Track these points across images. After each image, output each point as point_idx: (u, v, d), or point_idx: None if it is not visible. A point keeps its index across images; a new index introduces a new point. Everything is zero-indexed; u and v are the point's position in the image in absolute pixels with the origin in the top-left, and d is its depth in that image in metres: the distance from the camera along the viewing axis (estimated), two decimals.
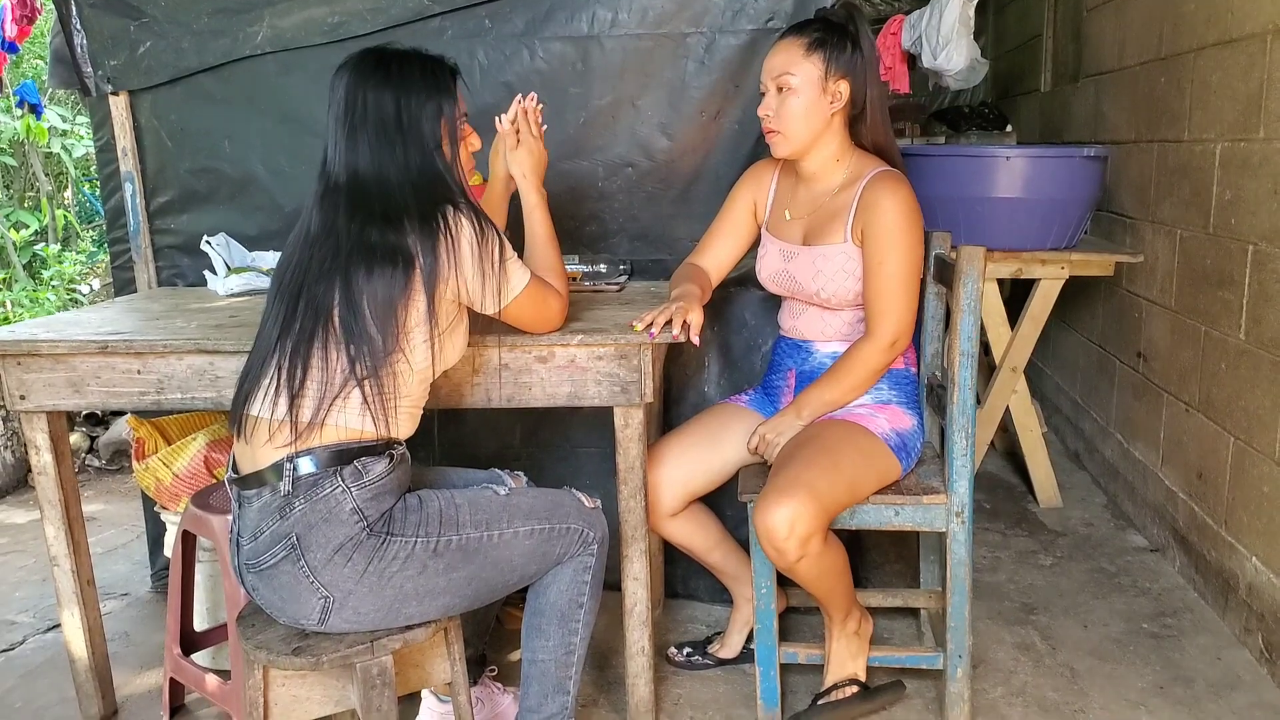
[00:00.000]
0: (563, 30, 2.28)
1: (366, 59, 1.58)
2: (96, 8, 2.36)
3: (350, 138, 1.55)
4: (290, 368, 1.48)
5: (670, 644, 2.27)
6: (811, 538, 1.70)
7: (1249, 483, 2.25)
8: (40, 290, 4.55)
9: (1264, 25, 2.18)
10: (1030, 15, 4.33)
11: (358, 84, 1.55)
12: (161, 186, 2.48)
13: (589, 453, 2.45)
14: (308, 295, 1.50)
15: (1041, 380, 4.04)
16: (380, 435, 1.51)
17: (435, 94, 1.58)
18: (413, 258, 1.49)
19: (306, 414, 1.47)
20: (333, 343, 1.48)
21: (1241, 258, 2.28)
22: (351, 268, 1.48)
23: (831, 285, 1.90)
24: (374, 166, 1.54)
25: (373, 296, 1.47)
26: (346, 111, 1.55)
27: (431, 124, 1.57)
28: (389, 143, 1.54)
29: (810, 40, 1.84)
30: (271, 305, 1.56)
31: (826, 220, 1.91)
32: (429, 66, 1.60)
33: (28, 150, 5.20)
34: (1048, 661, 2.22)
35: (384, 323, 1.48)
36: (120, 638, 2.43)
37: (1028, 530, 2.95)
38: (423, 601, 1.53)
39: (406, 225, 1.51)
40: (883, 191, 1.83)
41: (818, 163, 1.92)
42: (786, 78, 1.84)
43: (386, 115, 1.54)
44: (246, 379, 1.55)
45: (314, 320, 1.49)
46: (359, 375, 1.47)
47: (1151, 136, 2.86)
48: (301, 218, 1.60)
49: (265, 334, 1.55)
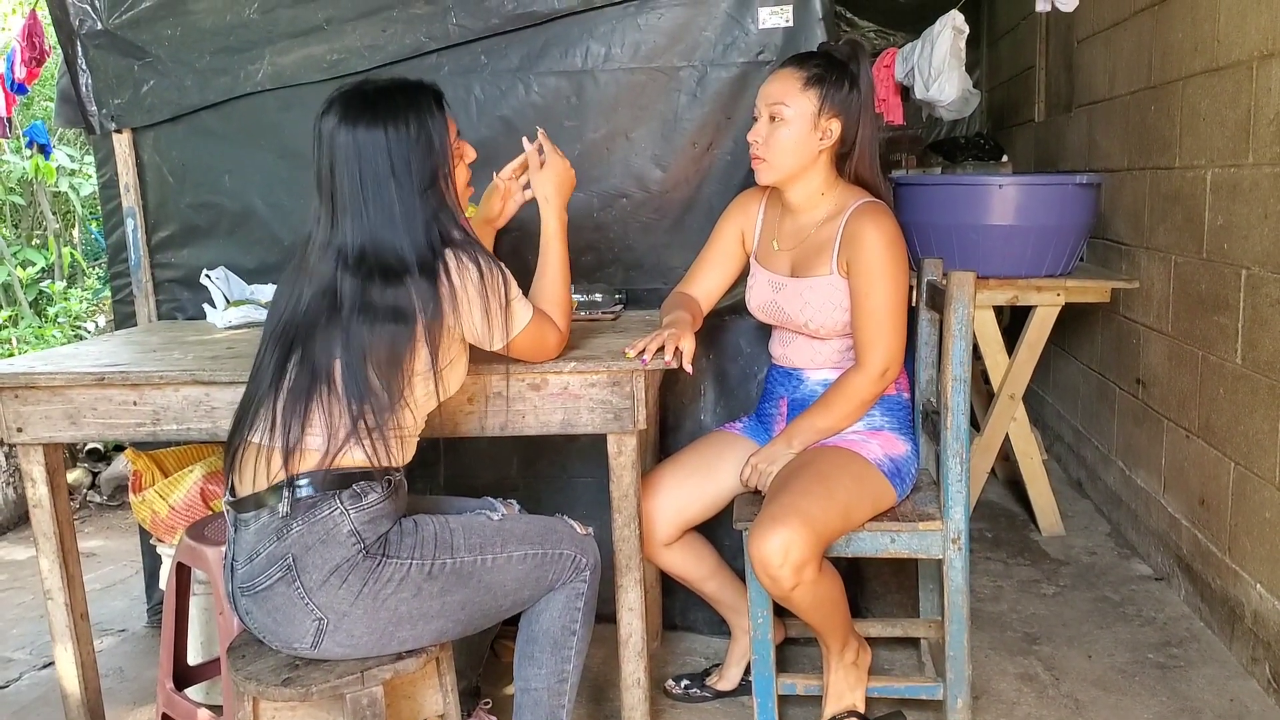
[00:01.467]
0: (557, 65, 2.32)
1: (352, 100, 1.54)
2: (102, 48, 2.41)
3: (347, 186, 1.51)
4: (285, 421, 1.48)
5: (668, 676, 2.25)
6: (806, 565, 1.69)
7: (1251, 509, 2.23)
8: (46, 327, 4.59)
9: (1249, 53, 2.20)
10: (1023, 47, 4.38)
11: (346, 127, 1.51)
12: (163, 221, 2.51)
13: (585, 482, 2.45)
14: (305, 349, 1.50)
15: (1042, 408, 4.03)
16: (379, 464, 1.51)
17: (424, 125, 1.54)
18: (415, 313, 1.49)
19: (315, 447, 1.48)
20: (334, 398, 1.48)
21: (1235, 282, 2.28)
22: (353, 328, 1.47)
23: (819, 316, 1.90)
24: (371, 215, 1.51)
25: (377, 354, 1.47)
26: (340, 159, 1.51)
27: (424, 160, 1.54)
28: (383, 186, 1.51)
29: (809, 75, 1.86)
30: (266, 349, 1.55)
31: (813, 252, 1.92)
32: (413, 97, 1.56)
33: (36, 189, 5.26)
34: (1051, 693, 2.19)
35: (389, 378, 1.48)
36: (114, 673, 2.41)
37: (1030, 559, 2.93)
38: (416, 625, 1.52)
39: (408, 280, 1.50)
40: (866, 223, 1.84)
41: (802, 195, 1.93)
42: (780, 108, 1.85)
43: (379, 158, 1.50)
44: (239, 427, 1.55)
45: (310, 377, 1.48)
46: (365, 429, 1.47)
47: (1144, 164, 2.88)
48: (297, 257, 1.59)
49: (258, 379, 1.54)
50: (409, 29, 2.31)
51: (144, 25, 2.38)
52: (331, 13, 2.33)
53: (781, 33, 2.24)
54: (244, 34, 2.36)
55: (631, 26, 2.28)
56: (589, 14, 2.28)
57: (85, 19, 2.40)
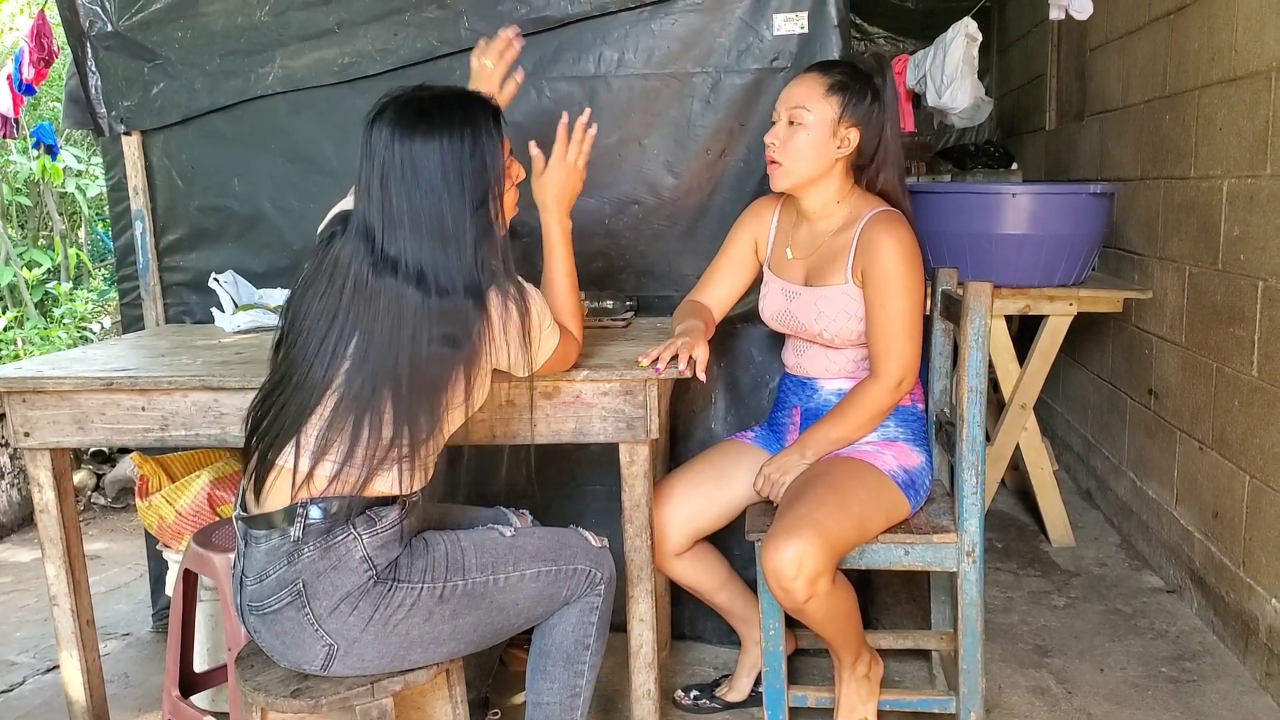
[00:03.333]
0: (570, 70, 2.30)
1: (406, 109, 1.47)
2: (111, 50, 2.40)
3: (405, 203, 1.45)
4: (316, 448, 1.43)
5: (677, 687, 2.23)
6: (820, 577, 1.68)
7: (1266, 522, 2.21)
8: (52, 329, 4.58)
9: (1268, 63, 2.18)
10: (1034, 54, 4.37)
11: (401, 139, 1.45)
12: (171, 224, 2.49)
13: (596, 491, 2.43)
14: (375, 359, 1.43)
15: (1052, 418, 4.01)
16: (402, 494, 1.49)
17: (480, 142, 1.48)
18: (464, 340, 1.46)
19: (345, 472, 1.43)
20: (386, 418, 1.43)
21: (1252, 294, 2.27)
22: (416, 344, 1.43)
23: (834, 326, 1.89)
24: (425, 233, 1.45)
25: (425, 377, 1.44)
26: (394, 173, 1.45)
27: (478, 177, 1.48)
28: (437, 201, 1.45)
29: (833, 81, 1.84)
30: (316, 342, 1.45)
31: (827, 261, 1.91)
32: (470, 111, 1.50)
33: (42, 190, 5.26)
34: (1064, 706, 2.17)
35: (431, 406, 1.45)
36: (119, 679, 2.40)
37: (1040, 570, 2.91)
38: (428, 648, 1.50)
39: (459, 304, 1.46)
40: (881, 232, 1.82)
41: (818, 203, 1.92)
42: (801, 111, 1.84)
43: (434, 172, 1.45)
44: (275, 423, 1.47)
45: (373, 388, 1.42)
46: (397, 458, 1.45)
47: (1158, 174, 2.86)
48: (329, 255, 1.50)
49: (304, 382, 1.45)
50: (421, 33, 2.30)
51: (154, 27, 2.37)
52: (343, 16, 2.31)
53: (796, 39, 2.22)
54: (255, 37, 2.35)
55: (645, 32, 2.27)
56: (602, 19, 2.26)
57: (95, 20, 2.38)
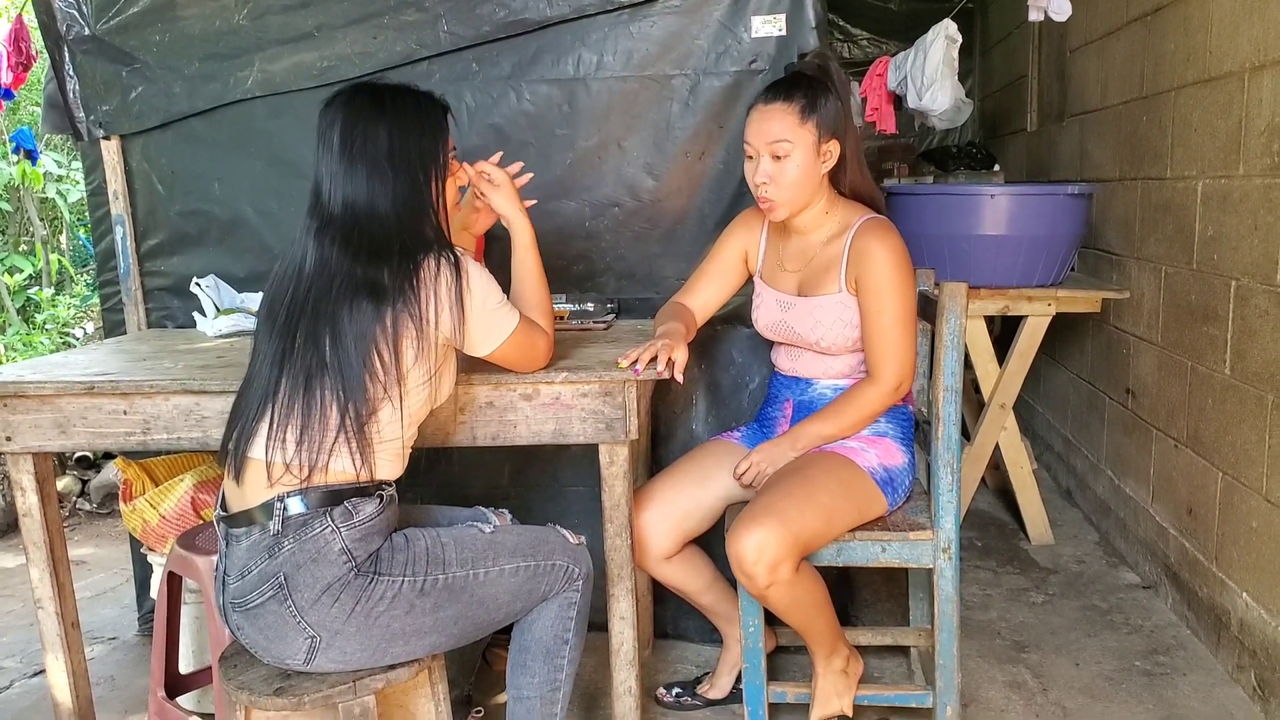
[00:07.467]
0: (549, 73, 2.32)
1: (360, 93, 1.57)
2: (89, 54, 2.40)
3: (347, 168, 1.53)
4: (287, 409, 1.48)
5: (659, 684, 2.25)
6: (780, 564, 1.70)
7: (1238, 518, 2.24)
8: (34, 334, 4.56)
9: (1241, 64, 2.21)
10: (1015, 56, 4.40)
11: (353, 117, 1.54)
12: (152, 229, 2.49)
13: (577, 491, 2.44)
14: (305, 332, 1.49)
15: (1032, 417, 4.05)
16: (368, 477, 1.51)
17: (427, 130, 1.58)
18: (388, 294, 1.49)
19: (304, 457, 1.47)
20: (327, 384, 1.48)
21: (1225, 293, 2.30)
22: (338, 305, 1.48)
23: (830, 334, 1.91)
24: (367, 198, 1.53)
25: (356, 333, 1.48)
26: (343, 143, 1.53)
27: (423, 160, 1.57)
28: (381, 176, 1.53)
29: (803, 106, 1.83)
30: (266, 342, 1.54)
31: (820, 271, 1.92)
32: (422, 102, 1.60)
33: (23, 195, 5.24)
34: (1039, 700, 2.20)
35: (366, 358, 1.48)
36: (105, 682, 2.40)
37: (1019, 568, 2.94)
38: (409, 641, 1.52)
39: (387, 264, 1.51)
40: (873, 240, 1.84)
41: (809, 217, 1.93)
42: (783, 145, 1.82)
43: (379, 148, 1.53)
44: (242, 418, 1.53)
45: (310, 360, 1.48)
46: (346, 416, 1.47)
47: (1135, 174, 2.89)
48: (290, 251, 1.58)
49: (260, 373, 1.53)
50: (400, 36, 2.31)
51: (132, 31, 2.37)
52: (322, 19, 2.32)
53: (775, 41, 2.25)
54: (233, 40, 2.35)
55: (624, 34, 2.28)
56: (581, 22, 2.28)
57: (72, 24, 2.38)
